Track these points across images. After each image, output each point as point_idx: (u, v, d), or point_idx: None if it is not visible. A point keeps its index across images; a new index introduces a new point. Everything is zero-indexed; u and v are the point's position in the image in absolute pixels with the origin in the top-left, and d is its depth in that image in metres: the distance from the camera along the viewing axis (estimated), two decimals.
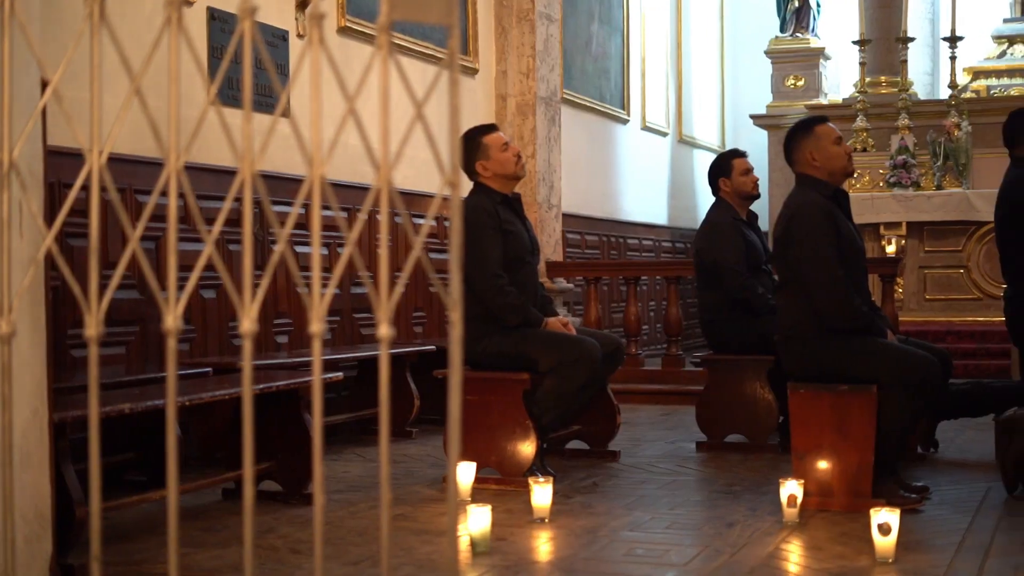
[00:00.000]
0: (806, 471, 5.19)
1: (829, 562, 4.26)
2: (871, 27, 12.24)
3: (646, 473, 6.20)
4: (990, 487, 5.67)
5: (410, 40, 8.51)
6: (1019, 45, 12.77)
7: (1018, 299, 6.34)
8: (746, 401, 6.89)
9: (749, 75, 14.58)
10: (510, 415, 5.72)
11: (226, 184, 6.56)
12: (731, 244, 6.88)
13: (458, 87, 2.38)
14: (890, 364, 5.14)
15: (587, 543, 4.60)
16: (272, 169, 7.00)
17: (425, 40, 8.73)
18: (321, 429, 2.14)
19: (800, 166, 5.47)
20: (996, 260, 11.04)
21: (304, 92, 7.20)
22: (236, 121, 6.43)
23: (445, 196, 1.80)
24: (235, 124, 6.91)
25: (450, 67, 2.37)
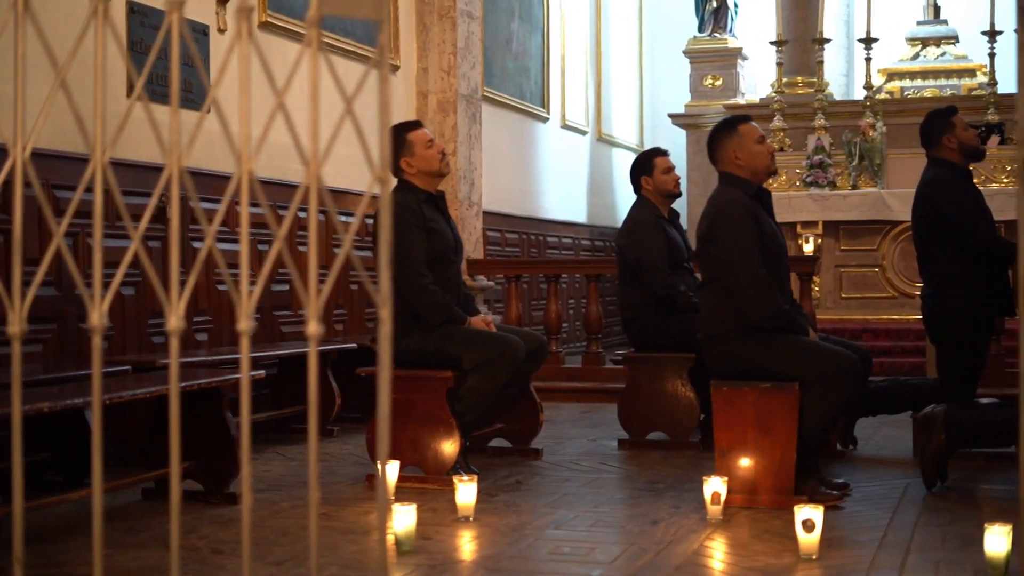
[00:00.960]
0: (729, 468, 5.22)
1: (754, 559, 4.28)
2: (788, 28, 12.35)
3: (569, 471, 6.20)
4: (909, 483, 5.74)
5: (331, 36, 8.44)
6: (932, 47, 12.95)
7: (936, 297, 6.42)
8: (668, 399, 6.92)
9: (668, 74, 14.67)
10: (433, 413, 5.69)
11: (144, 180, 6.46)
12: (653, 242, 6.91)
13: (388, 83, 2.35)
14: (812, 362, 5.19)
15: (512, 541, 4.59)
16: (194, 165, 6.90)
17: (347, 36, 8.67)
18: (249, 428, 2.10)
19: (723, 164, 5.50)
20: (911, 259, 11.23)
21: (226, 87, 7.11)
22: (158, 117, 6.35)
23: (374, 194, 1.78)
24: (156, 119, 6.80)
25: (379, 63, 2.35)
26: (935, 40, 12.97)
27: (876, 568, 4.14)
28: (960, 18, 13.11)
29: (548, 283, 9.81)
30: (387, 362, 2.35)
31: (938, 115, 6.62)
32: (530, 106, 11.92)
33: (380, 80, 2.41)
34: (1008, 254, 6.33)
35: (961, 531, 4.70)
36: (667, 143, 14.14)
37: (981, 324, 6.42)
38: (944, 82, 12.71)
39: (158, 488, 5.40)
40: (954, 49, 12.91)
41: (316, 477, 2.11)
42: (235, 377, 5.32)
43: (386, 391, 2.28)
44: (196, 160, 6.91)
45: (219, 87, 7.09)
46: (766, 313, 5.24)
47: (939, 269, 6.41)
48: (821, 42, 11.71)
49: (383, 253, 2.41)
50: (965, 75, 12.73)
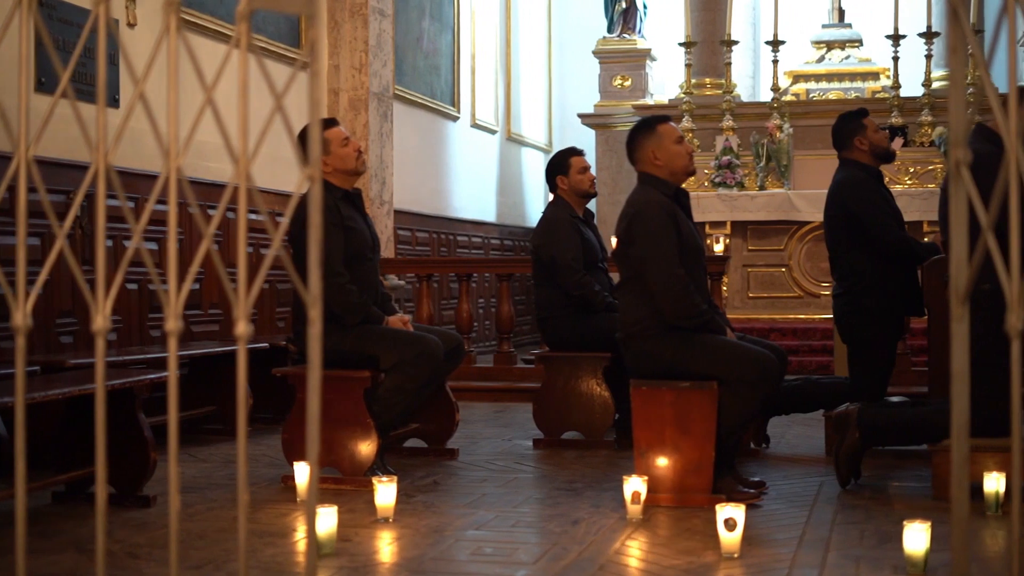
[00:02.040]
0: (648, 467, 5.23)
1: (676, 558, 4.29)
2: (696, 30, 12.43)
3: (486, 471, 6.18)
4: (823, 481, 5.80)
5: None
6: (837, 50, 13.11)
7: (846, 297, 6.49)
8: (583, 398, 6.93)
9: (577, 74, 14.70)
10: (350, 414, 5.64)
11: (60, 178, 6.33)
12: (568, 241, 6.91)
13: (322, 79, 2.31)
14: (730, 361, 5.22)
15: (434, 543, 4.56)
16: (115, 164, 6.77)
17: (259, 33, 8.56)
18: (177, 428, 2.05)
19: (642, 165, 5.51)
20: (817, 259, 11.41)
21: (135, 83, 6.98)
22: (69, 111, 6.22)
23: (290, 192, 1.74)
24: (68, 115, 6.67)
25: (310, 58, 2.30)
26: (840, 43, 13.13)
27: (797, 566, 4.17)
28: (864, 22, 13.29)
29: (460, 282, 9.78)
30: (317, 362, 2.30)
31: (849, 117, 6.70)
32: (440, 105, 11.88)
33: (311, 75, 2.36)
34: (918, 255, 6.42)
35: (878, 528, 4.75)
36: (576, 143, 14.15)
37: (891, 324, 6.50)
38: (849, 85, 12.88)
39: (69, 491, 5.29)
40: (858, 52, 13.09)
41: (245, 478, 2.07)
42: (151, 377, 5.23)
43: (316, 392, 2.24)
44: (118, 158, 6.77)
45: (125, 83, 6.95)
46: (684, 313, 5.26)
47: (850, 269, 6.48)
48: (729, 44, 11.80)
49: (313, 252, 2.37)
50: (869, 78, 12.91)
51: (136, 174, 7.10)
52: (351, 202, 5.80)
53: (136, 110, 4.79)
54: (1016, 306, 1.94)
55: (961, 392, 1.96)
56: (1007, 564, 4.17)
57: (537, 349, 10.50)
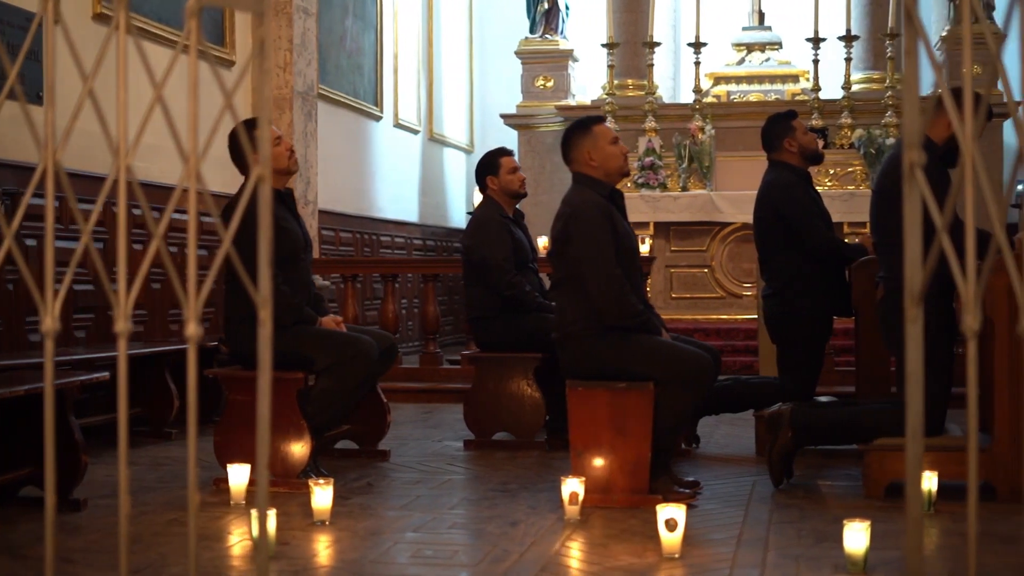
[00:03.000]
0: (584, 468, 5.23)
1: (617, 559, 4.29)
2: (618, 31, 12.47)
3: (418, 472, 6.14)
4: (755, 481, 5.84)
5: (161, 27, 8.22)
6: (757, 53, 13.21)
7: (777, 298, 6.53)
8: (513, 399, 6.91)
9: (499, 75, 14.69)
10: (284, 415, 5.57)
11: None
12: (499, 241, 6.89)
13: (270, 76, 2.27)
14: (667, 361, 5.23)
15: (373, 545, 4.52)
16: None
17: (181, 30, 8.44)
18: (127, 431, 2.01)
19: (577, 165, 5.51)
20: (738, 260, 11.50)
21: (69, 81, 6.86)
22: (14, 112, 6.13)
23: (246, 192, 1.70)
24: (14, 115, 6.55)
25: (259, 55, 2.26)
26: (760, 46, 13.23)
27: (738, 566, 4.19)
28: (784, 25, 13.40)
29: (385, 283, 9.73)
30: (267, 364, 2.26)
31: (779, 119, 6.75)
32: (364, 104, 11.81)
33: (260, 72, 2.32)
34: (846, 256, 6.49)
35: (814, 527, 4.79)
36: (498, 144, 14.13)
37: (820, 324, 6.56)
38: (769, 87, 12.98)
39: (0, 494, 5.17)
40: (778, 55, 13.20)
41: (195, 482, 2.02)
42: (83, 379, 5.14)
43: (266, 394, 2.20)
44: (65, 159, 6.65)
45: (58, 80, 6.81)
46: (621, 313, 5.27)
47: (780, 270, 6.53)
48: (651, 46, 11.85)
49: (263, 252, 2.33)
50: (789, 80, 13.03)
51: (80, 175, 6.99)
52: (283, 202, 5.74)
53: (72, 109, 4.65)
54: (972, 307, 1.96)
55: (915, 392, 1.96)
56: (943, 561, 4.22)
57: (462, 349, 10.48)
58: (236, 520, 4.97)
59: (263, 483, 2.21)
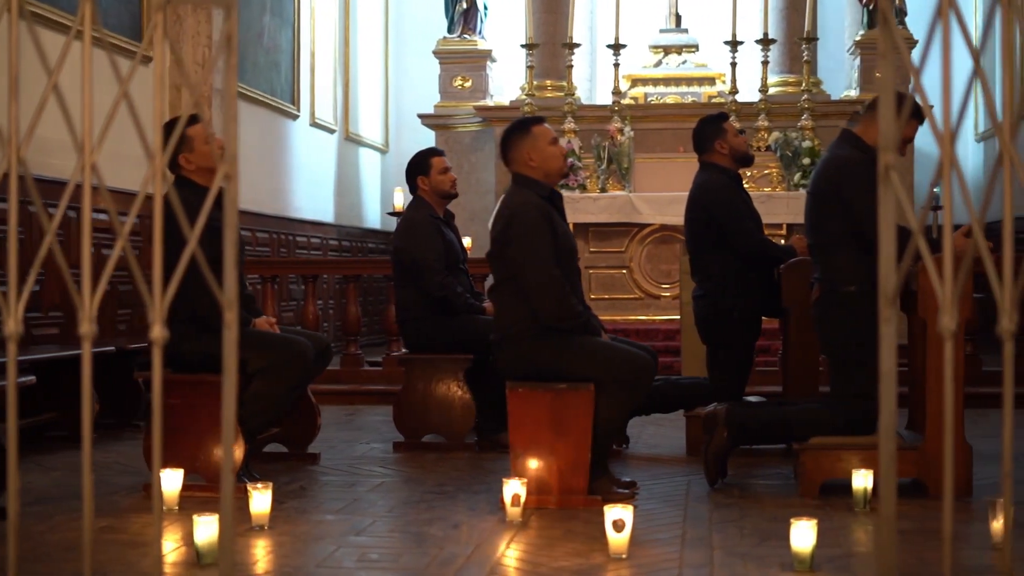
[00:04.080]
0: (524, 469, 5.20)
1: (565, 560, 4.26)
2: (538, 32, 12.46)
3: (351, 475, 6.07)
4: (690, 480, 5.85)
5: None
6: (674, 55, 13.28)
7: (707, 299, 6.57)
8: (443, 400, 6.87)
9: (416, 74, 14.61)
10: (215, 418, 5.47)
11: None
12: (430, 242, 6.84)
13: (234, 73, 2.21)
14: (607, 362, 5.23)
15: (317, 550, 4.45)
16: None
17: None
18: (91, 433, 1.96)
19: (517, 166, 5.48)
20: (657, 261, 11.54)
21: None
22: None
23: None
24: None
25: (226, 50, 2.21)
26: (677, 48, 13.31)
27: (687, 566, 4.19)
28: (701, 28, 13.49)
29: (306, 284, 9.63)
30: (232, 367, 2.21)
31: (711, 121, 6.78)
32: (280, 103, 11.68)
33: (226, 68, 2.26)
34: (777, 257, 6.53)
35: (755, 526, 4.81)
36: (415, 144, 14.08)
37: (750, 325, 6.61)
38: (686, 89, 13.06)
39: None
40: (695, 57, 13.28)
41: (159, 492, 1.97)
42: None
43: (231, 398, 2.15)
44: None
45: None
46: (561, 314, 5.25)
47: (711, 271, 6.56)
48: (571, 47, 11.85)
49: (228, 251, 2.27)
50: (706, 83, 13.12)
51: None
52: (218, 201, 5.63)
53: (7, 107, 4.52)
54: (948, 308, 1.95)
55: (888, 392, 1.96)
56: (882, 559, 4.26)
57: (382, 351, 10.41)
58: (170, 526, 4.86)
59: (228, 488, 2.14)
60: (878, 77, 1.67)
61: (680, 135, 12.46)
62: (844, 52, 13.59)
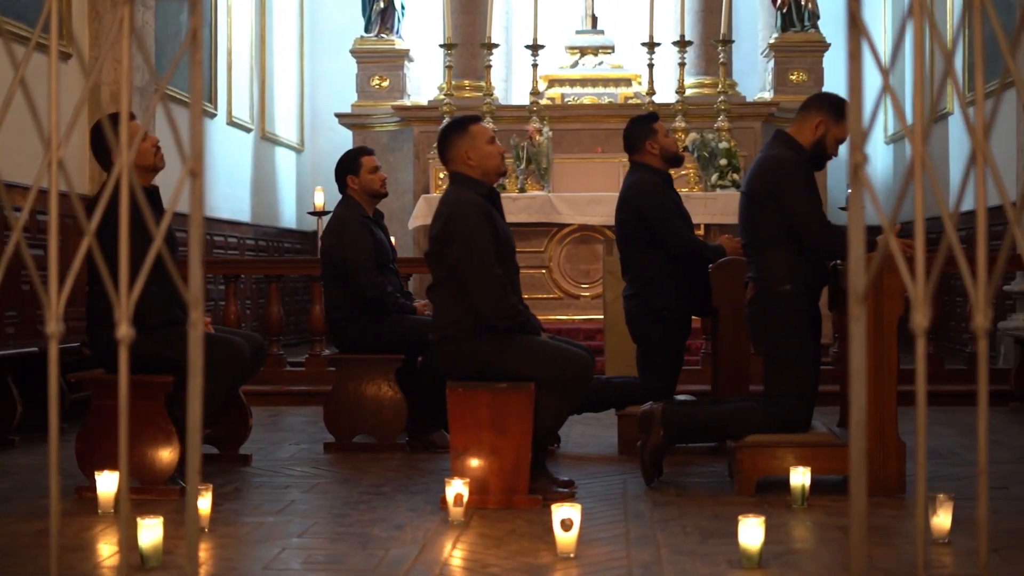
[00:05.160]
0: (465, 469, 5.20)
1: (513, 559, 4.27)
2: (456, 32, 12.45)
3: (285, 477, 6.02)
4: (625, 479, 5.88)
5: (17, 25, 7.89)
6: (590, 56, 13.34)
7: (638, 298, 6.61)
8: (374, 401, 6.83)
9: (333, 74, 14.51)
10: (151, 420, 5.40)
11: None
12: (361, 241, 6.81)
13: (200, 68, 2.20)
14: (547, 361, 5.24)
15: (261, 552, 4.41)
16: None
17: (19, 20, 8.13)
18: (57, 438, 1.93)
19: (455, 165, 5.48)
20: (576, 261, 11.59)
21: None
22: None
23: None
24: None
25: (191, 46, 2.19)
26: (593, 49, 13.36)
27: (636, 564, 4.21)
28: (617, 29, 13.57)
29: (227, 284, 9.54)
30: (198, 367, 2.19)
31: (641, 121, 6.83)
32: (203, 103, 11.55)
33: (191, 64, 2.25)
34: (707, 256, 6.59)
35: (696, 524, 4.85)
36: (332, 143, 14.04)
37: (681, 324, 6.67)
38: (603, 90, 13.12)
39: None
40: (611, 58, 13.35)
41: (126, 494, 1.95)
42: None
43: (197, 399, 2.13)
44: None
45: None
46: (502, 313, 5.26)
47: (642, 271, 6.61)
48: (489, 47, 11.86)
49: (193, 249, 2.25)
50: (622, 84, 13.18)
51: None
52: (150, 200, 5.57)
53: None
54: (921, 306, 1.99)
55: (858, 391, 1.99)
56: (831, 554, 4.31)
57: (303, 351, 10.33)
58: (108, 529, 4.79)
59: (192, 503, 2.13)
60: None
61: (598, 136, 12.56)
62: (757, 54, 13.75)
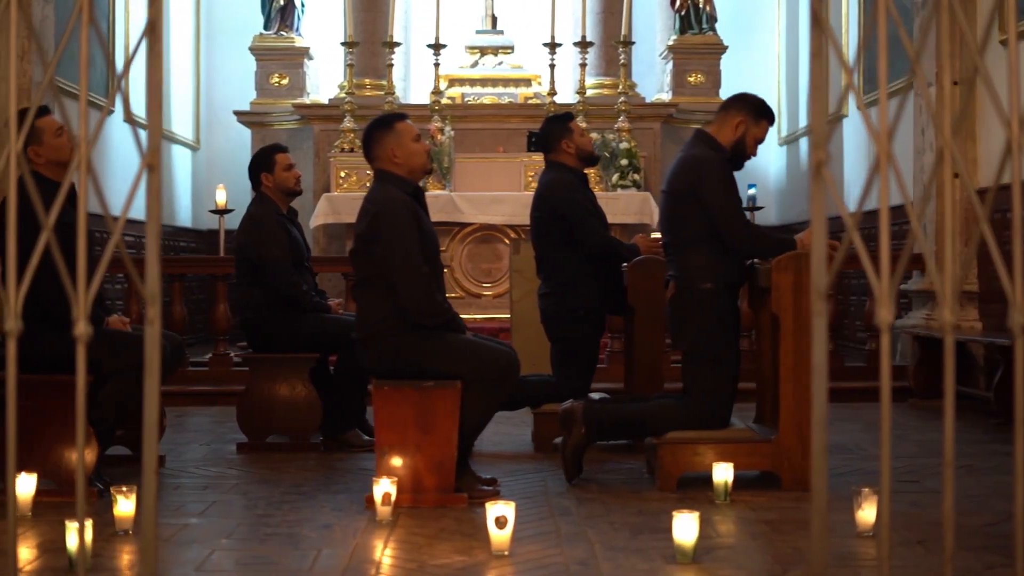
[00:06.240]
0: (391, 468, 5.17)
1: (448, 558, 4.26)
2: (357, 30, 12.38)
3: (202, 478, 5.94)
4: (544, 477, 5.90)
5: None
6: (490, 56, 13.34)
7: (553, 297, 6.64)
8: (288, 401, 6.76)
9: (231, 71, 14.33)
10: (68, 420, 5.29)
11: None
12: (276, 239, 6.74)
13: (159, 60, 2.18)
14: (474, 360, 5.24)
15: (191, 554, 4.35)
16: None
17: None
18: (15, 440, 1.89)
19: (380, 162, 5.46)
20: (477, 260, 11.60)
21: None
22: None
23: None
24: None
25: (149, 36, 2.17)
26: (493, 49, 13.37)
27: (572, 561, 4.22)
28: (517, 30, 13.60)
29: (129, 283, 9.38)
30: (155, 366, 2.17)
31: (556, 120, 6.87)
32: (96, 97, 11.35)
33: (148, 56, 2.23)
34: (622, 255, 6.64)
35: (624, 520, 4.88)
36: (227, 141, 13.89)
37: (595, 322, 6.71)
38: (503, 90, 13.13)
39: None
40: (511, 59, 13.37)
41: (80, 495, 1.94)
42: None
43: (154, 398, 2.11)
44: None
45: None
46: (429, 311, 5.25)
47: (557, 269, 6.64)
48: (391, 46, 11.82)
49: (151, 244, 2.23)
50: (522, 84, 13.20)
51: None
52: (69, 199, 5.45)
53: None
54: (885, 300, 2.04)
55: (820, 385, 2.03)
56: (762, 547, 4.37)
57: (205, 350, 10.19)
58: (25, 533, 4.68)
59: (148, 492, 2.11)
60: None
61: (499, 135, 12.58)
62: (655, 56, 13.86)
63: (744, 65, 13.67)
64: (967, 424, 7.57)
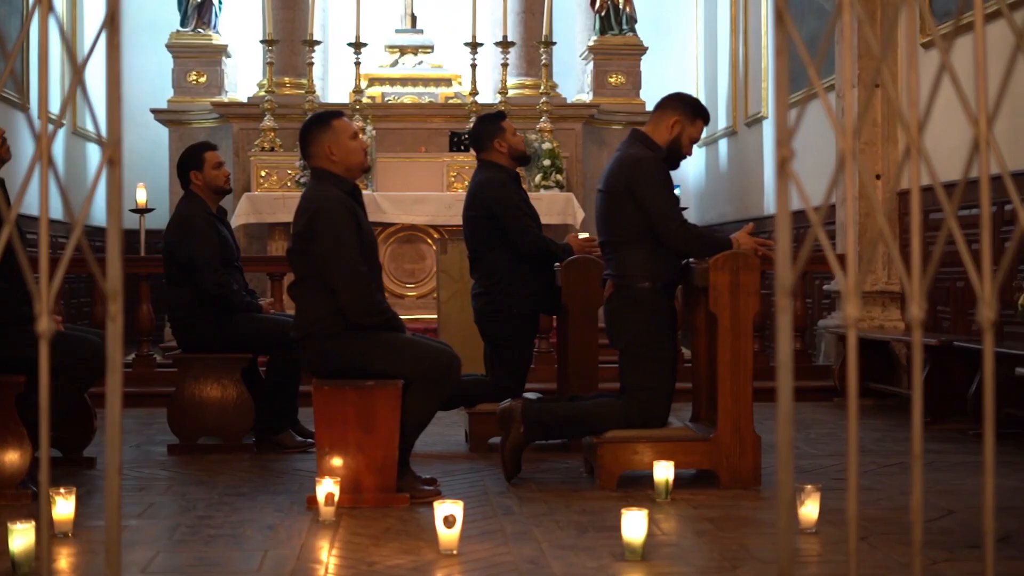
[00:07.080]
0: (332, 468, 5.14)
1: (398, 558, 4.24)
2: (276, 28, 12.28)
3: (135, 480, 5.86)
4: (482, 476, 5.90)
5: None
6: (410, 55, 13.30)
7: (486, 296, 6.64)
8: (219, 401, 6.69)
9: (147, 68, 14.12)
10: (7, 423, 5.19)
11: None
12: (205, 239, 6.66)
13: (118, 51, 2.17)
14: (414, 359, 5.23)
15: (136, 556, 4.28)
16: None
17: None
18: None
19: (317, 160, 5.42)
20: (400, 260, 11.58)
21: None
22: None
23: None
24: None
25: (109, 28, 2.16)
26: (413, 49, 13.33)
27: (521, 560, 4.22)
28: (437, 29, 13.56)
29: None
30: (118, 363, 2.15)
31: (489, 120, 6.87)
32: (9, 94, 11.14)
33: (109, 49, 2.21)
34: (555, 255, 6.66)
35: (568, 519, 4.89)
36: (145, 140, 13.70)
37: (529, 322, 6.72)
38: (423, 89, 13.09)
39: None
40: (431, 58, 13.33)
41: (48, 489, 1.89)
42: None
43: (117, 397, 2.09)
44: None
45: None
46: (368, 310, 5.23)
47: (491, 269, 6.64)
48: (311, 44, 11.76)
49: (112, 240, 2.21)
50: (442, 84, 13.17)
51: None
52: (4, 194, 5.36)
53: None
54: (853, 297, 2.07)
55: (785, 382, 2.06)
56: (709, 544, 4.40)
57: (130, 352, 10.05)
58: None
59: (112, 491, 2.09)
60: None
61: (420, 135, 12.55)
62: (575, 57, 13.90)
63: (664, 66, 13.76)
64: (895, 423, 7.69)
